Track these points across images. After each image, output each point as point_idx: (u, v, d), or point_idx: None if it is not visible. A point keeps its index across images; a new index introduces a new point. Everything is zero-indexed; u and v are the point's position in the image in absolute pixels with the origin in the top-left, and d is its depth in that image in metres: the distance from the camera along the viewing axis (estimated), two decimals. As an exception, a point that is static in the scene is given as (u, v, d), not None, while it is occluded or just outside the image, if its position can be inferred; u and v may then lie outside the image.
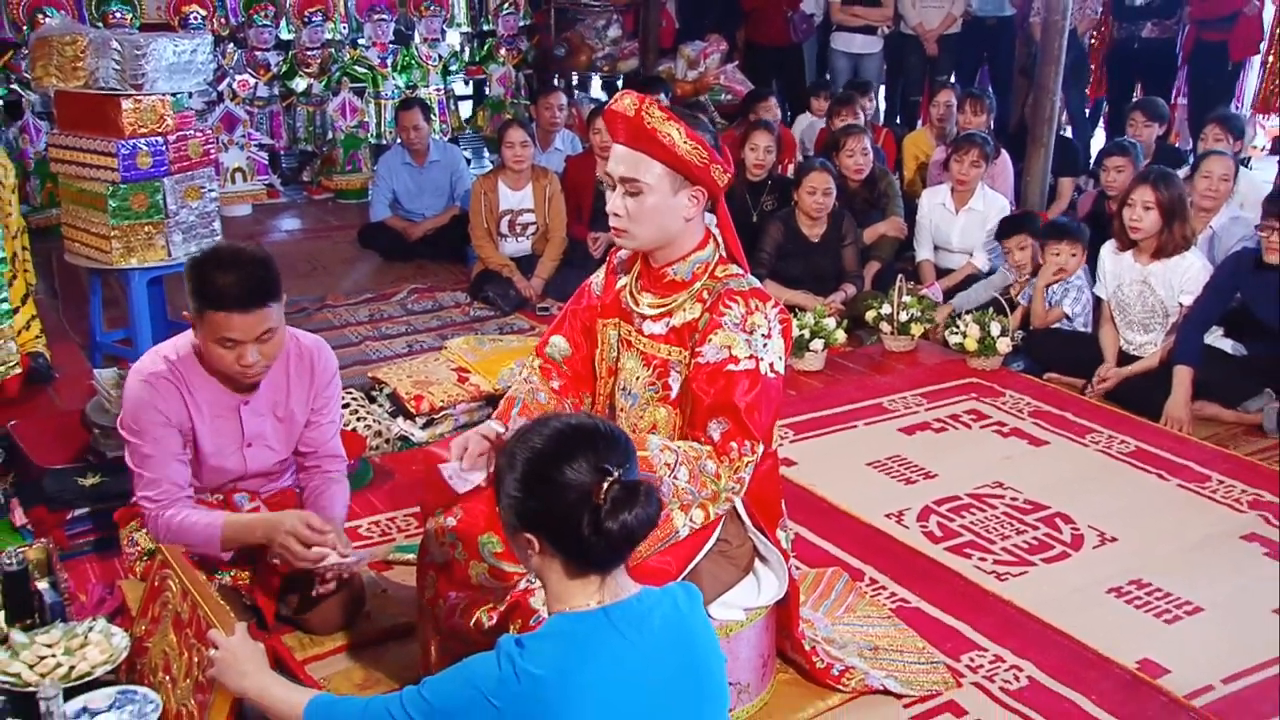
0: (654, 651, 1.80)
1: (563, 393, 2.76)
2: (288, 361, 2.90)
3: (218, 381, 2.82)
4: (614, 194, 2.52)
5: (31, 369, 4.48)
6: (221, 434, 2.86)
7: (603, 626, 1.78)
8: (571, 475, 1.75)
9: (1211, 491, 4.00)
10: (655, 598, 1.86)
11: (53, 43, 4.66)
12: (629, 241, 2.55)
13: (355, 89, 8.22)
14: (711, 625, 1.97)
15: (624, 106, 2.46)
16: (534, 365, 2.82)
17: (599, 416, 2.45)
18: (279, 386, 2.90)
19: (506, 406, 2.72)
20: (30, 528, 3.47)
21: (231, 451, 2.89)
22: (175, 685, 2.32)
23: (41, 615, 2.73)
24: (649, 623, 1.81)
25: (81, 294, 5.36)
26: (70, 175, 4.79)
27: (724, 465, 2.44)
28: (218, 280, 2.61)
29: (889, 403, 4.73)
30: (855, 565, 3.49)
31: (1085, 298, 5.12)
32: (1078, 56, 7.60)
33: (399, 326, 5.65)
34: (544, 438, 1.80)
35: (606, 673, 1.74)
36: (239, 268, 2.63)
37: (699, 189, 2.51)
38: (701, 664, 1.87)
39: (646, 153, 2.45)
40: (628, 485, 1.76)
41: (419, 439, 4.29)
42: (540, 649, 1.75)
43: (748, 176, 5.99)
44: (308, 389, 2.95)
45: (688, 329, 2.55)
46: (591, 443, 1.79)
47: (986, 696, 2.88)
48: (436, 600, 2.59)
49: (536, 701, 1.71)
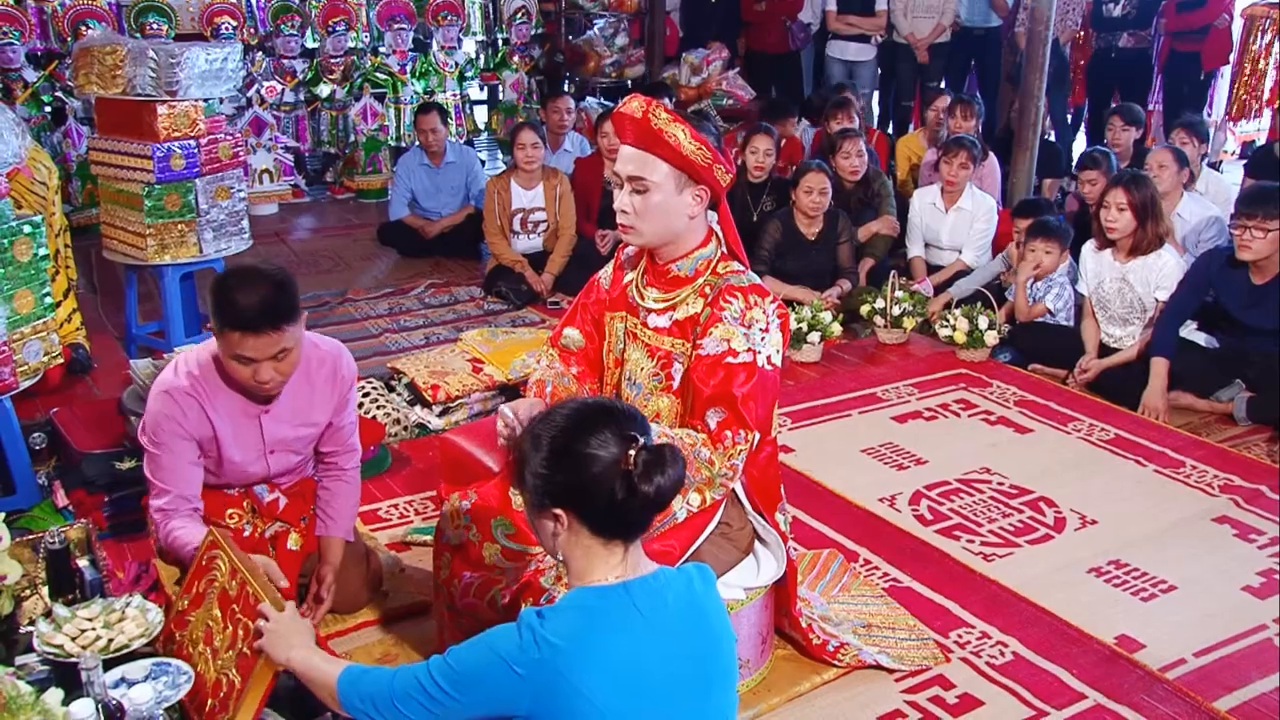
0: (669, 628, 1.79)
1: (581, 379, 2.76)
2: (309, 369, 2.82)
3: (237, 392, 2.75)
4: (622, 192, 2.51)
5: (72, 360, 4.49)
6: (243, 441, 2.80)
7: (622, 601, 1.77)
8: (598, 445, 1.76)
9: (1185, 477, 4.00)
10: (670, 577, 1.85)
11: (94, 52, 4.66)
12: (636, 238, 2.54)
13: (376, 94, 8.20)
14: (724, 606, 1.96)
15: (632, 109, 2.45)
16: (552, 354, 2.81)
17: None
18: (300, 394, 2.82)
19: (539, 390, 2.71)
20: (71, 509, 3.48)
21: (254, 458, 2.84)
22: (216, 656, 2.32)
23: (82, 591, 2.73)
24: (664, 600, 1.80)
25: (118, 289, 5.36)
26: (109, 177, 4.79)
27: (718, 452, 2.43)
28: (237, 301, 2.52)
29: (882, 392, 4.72)
30: (850, 547, 3.48)
31: (1067, 294, 5.12)
32: (1059, 65, 7.59)
33: (417, 319, 5.64)
34: (565, 416, 1.81)
35: (622, 646, 1.74)
36: (257, 291, 2.53)
37: (702, 188, 2.51)
38: (713, 643, 1.86)
39: (653, 152, 2.44)
40: (653, 450, 1.77)
41: (435, 426, 4.29)
42: (560, 620, 1.74)
43: (748, 178, 5.97)
44: (330, 395, 2.88)
45: (690, 322, 2.55)
46: (612, 416, 1.80)
47: (974, 671, 2.88)
48: (452, 580, 2.59)
49: (554, 670, 1.70)
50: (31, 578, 2.78)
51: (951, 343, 5.10)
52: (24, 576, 2.76)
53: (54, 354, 3.74)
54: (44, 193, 4.48)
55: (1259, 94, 8.12)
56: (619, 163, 2.52)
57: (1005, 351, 5.09)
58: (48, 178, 4.55)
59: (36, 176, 4.46)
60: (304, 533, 2.99)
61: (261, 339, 2.54)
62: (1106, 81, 8.03)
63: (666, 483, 1.76)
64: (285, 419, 2.82)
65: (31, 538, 2.91)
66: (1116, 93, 7.88)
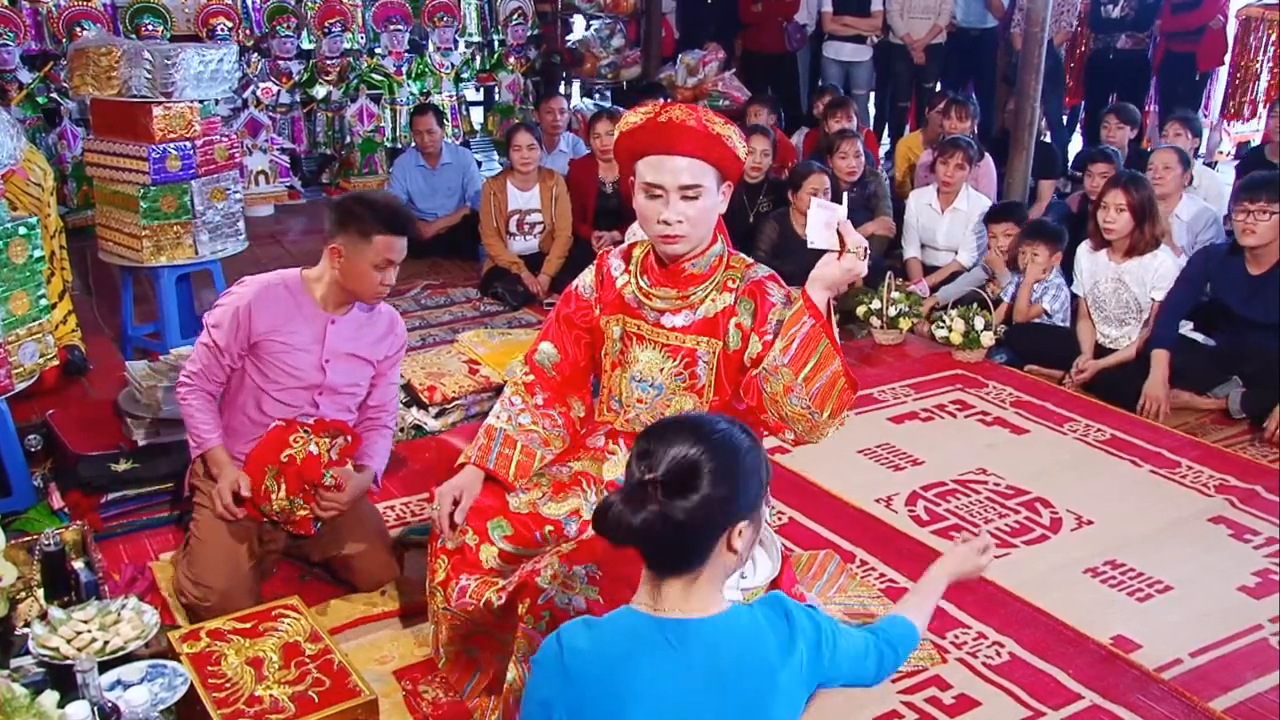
0: (704, 676, 1.68)
1: (548, 405, 2.74)
2: (377, 309, 3.21)
3: (314, 301, 3.11)
4: (663, 204, 2.45)
5: (68, 361, 4.48)
6: (308, 344, 3.09)
7: (648, 630, 1.70)
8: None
9: (1181, 477, 4.00)
10: (729, 625, 1.72)
11: (89, 53, 4.65)
12: (683, 245, 2.51)
13: (372, 95, 8.20)
14: (799, 666, 1.79)
15: (680, 117, 2.41)
16: (520, 383, 2.77)
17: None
18: (363, 323, 3.18)
19: (486, 441, 2.68)
20: (67, 511, 3.48)
21: (313, 366, 3.10)
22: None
23: (78, 593, 2.73)
24: (707, 647, 1.70)
25: (114, 290, 5.36)
26: (104, 178, 4.79)
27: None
28: (391, 211, 3.02)
29: (879, 393, 4.73)
30: (846, 547, 3.49)
31: (1063, 295, 5.13)
32: (1054, 66, 7.60)
33: (413, 321, 5.63)
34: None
35: (640, 673, 1.67)
36: (394, 202, 3.18)
37: (729, 184, 2.52)
38: (759, 699, 1.73)
39: (707, 159, 2.43)
40: (635, 485, 1.69)
41: (432, 428, 4.29)
42: (592, 629, 1.73)
43: (745, 178, 5.97)
44: (384, 337, 3.22)
45: (722, 317, 2.55)
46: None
47: (970, 671, 2.89)
48: (448, 582, 2.59)
49: (572, 672, 1.69)
50: (27, 580, 2.78)
51: (947, 343, 5.11)
52: (19, 579, 2.76)
53: (49, 356, 3.74)
54: (39, 194, 4.47)
55: (1254, 95, 8.14)
56: (658, 173, 2.44)
57: (1001, 352, 5.09)
58: (43, 179, 4.54)
59: (31, 178, 4.45)
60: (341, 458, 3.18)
61: (401, 240, 3.00)
62: (1103, 82, 8.04)
63: (651, 518, 1.65)
64: (347, 336, 3.14)
65: (27, 540, 2.91)
66: (1114, 94, 7.89)
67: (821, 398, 2.32)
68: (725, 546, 1.71)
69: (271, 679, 2.42)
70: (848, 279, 2.31)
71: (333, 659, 2.49)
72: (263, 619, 2.64)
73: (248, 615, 2.67)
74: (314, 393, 3.13)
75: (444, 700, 2.73)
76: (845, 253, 2.28)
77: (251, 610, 2.70)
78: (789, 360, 2.30)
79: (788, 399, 2.33)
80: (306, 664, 2.47)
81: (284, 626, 2.61)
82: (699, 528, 1.67)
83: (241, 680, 2.41)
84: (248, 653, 2.51)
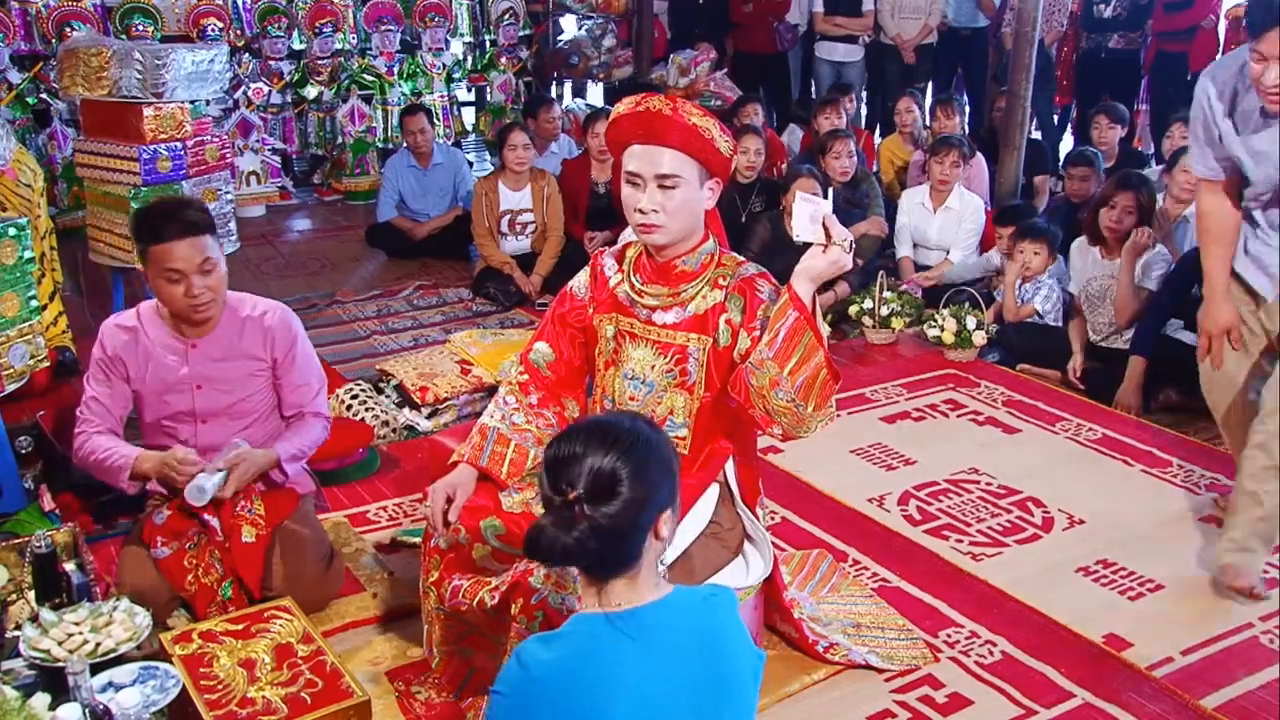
0: (670, 655, 1.74)
1: (543, 404, 2.74)
2: (240, 309, 3.03)
3: (169, 328, 2.98)
4: (641, 192, 2.47)
5: (59, 363, 4.46)
6: (171, 373, 2.98)
7: (605, 629, 1.73)
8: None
9: (1172, 476, 4.02)
10: (676, 604, 1.80)
11: (79, 54, 4.64)
12: (661, 236, 2.51)
13: (363, 96, 8.20)
14: (745, 629, 1.88)
15: (658, 107, 2.43)
16: (514, 382, 2.78)
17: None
18: (231, 327, 3.01)
19: (480, 439, 2.68)
20: (58, 512, 3.46)
21: (182, 390, 2.99)
22: None
23: (69, 595, 2.73)
24: (663, 628, 1.75)
25: (105, 291, 5.34)
26: (95, 179, 4.77)
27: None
28: (157, 217, 2.82)
29: (871, 393, 4.74)
30: (839, 547, 3.49)
31: (1056, 295, 5.14)
32: (1044, 65, 7.63)
33: (405, 321, 5.64)
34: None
35: (610, 671, 1.70)
36: (174, 207, 2.88)
37: (716, 180, 2.52)
38: (727, 669, 1.81)
39: (684, 149, 2.43)
40: (560, 506, 1.73)
41: (424, 428, 4.29)
42: (551, 643, 1.74)
43: (738, 178, 5.98)
44: (260, 332, 3.04)
45: (712, 314, 2.55)
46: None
47: (963, 670, 2.89)
48: (441, 582, 2.59)
49: (539, 689, 1.69)
50: (18, 582, 2.78)
51: (939, 343, 5.12)
52: (10, 581, 2.76)
53: (40, 357, 3.73)
54: (29, 195, 4.45)
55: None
56: (639, 162, 2.46)
57: (993, 352, 5.11)
58: (33, 180, 4.53)
59: (21, 179, 4.44)
60: (254, 522, 2.97)
61: (183, 244, 2.79)
62: (1095, 82, 8.06)
63: (582, 534, 1.69)
64: (214, 354, 2.99)
65: (18, 542, 2.90)
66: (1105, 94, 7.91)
67: (806, 389, 2.33)
68: (654, 537, 1.78)
69: (264, 680, 2.42)
70: (833, 271, 2.32)
71: (325, 660, 2.49)
72: (255, 620, 2.64)
73: (240, 617, 2.67)
74: (197, 422, 3.02)
75: (437, 701, 2.72)
76: (831, 245, 2.28)
77: (244, 612, 2.70)
78: (774, 354, 2.31)
79: (774, 392, 2.33)
80: (299, 665, 2.47)
81: (276, 628, 2.61)
82: (628, 529, 1.73)
83: (234, 682, 2.42)
84: (240, 654, 2.51)
